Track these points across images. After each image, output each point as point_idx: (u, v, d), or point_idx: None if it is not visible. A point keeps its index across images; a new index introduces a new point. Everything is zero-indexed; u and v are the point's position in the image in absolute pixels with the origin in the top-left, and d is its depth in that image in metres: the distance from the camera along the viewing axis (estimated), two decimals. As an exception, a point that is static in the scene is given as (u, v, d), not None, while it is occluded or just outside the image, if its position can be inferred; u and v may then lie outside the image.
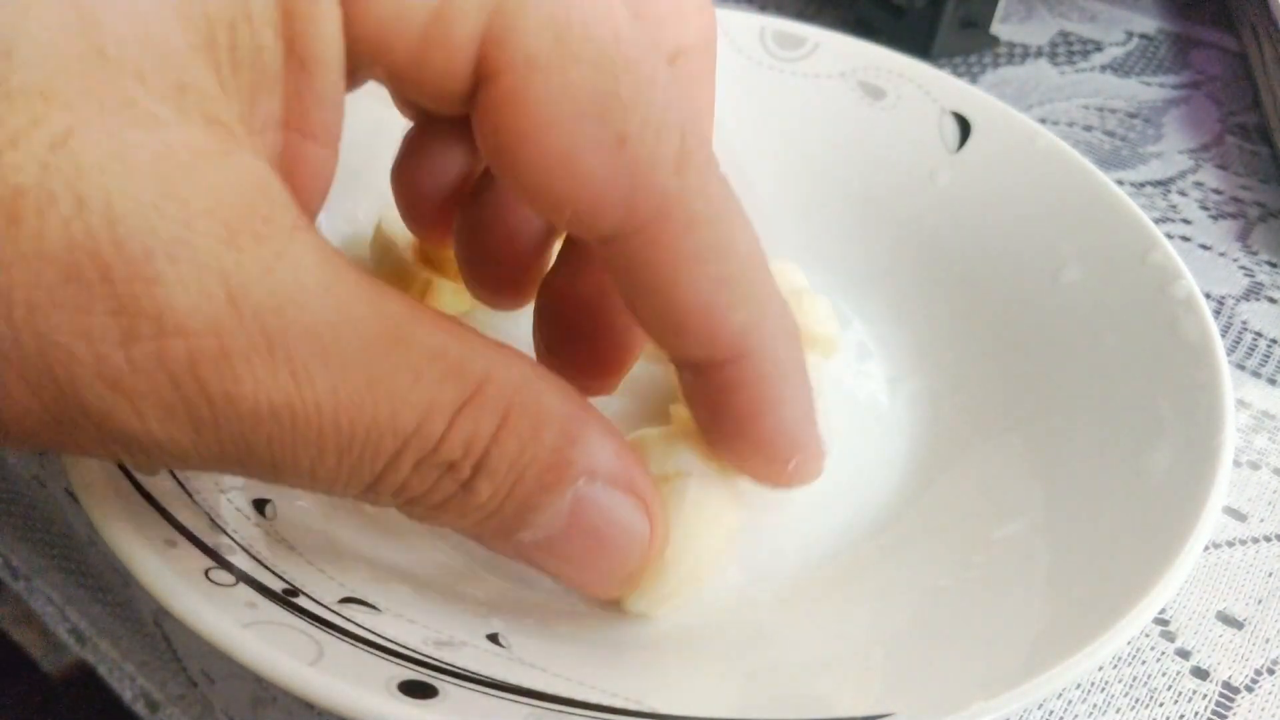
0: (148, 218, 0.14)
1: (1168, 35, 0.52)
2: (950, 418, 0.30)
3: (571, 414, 0.19)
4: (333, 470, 0.17)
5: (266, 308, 0.15)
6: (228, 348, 0.15)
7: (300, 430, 0.16)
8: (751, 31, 0.37)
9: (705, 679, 0.23)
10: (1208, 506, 0.23)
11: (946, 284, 0.33)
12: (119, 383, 0.15)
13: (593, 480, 0.19)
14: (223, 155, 0.15)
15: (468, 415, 0.17)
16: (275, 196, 0.16)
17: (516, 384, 0.18)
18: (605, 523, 0.19)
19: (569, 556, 0.20)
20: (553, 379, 0.19)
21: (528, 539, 0.19)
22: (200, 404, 0.15)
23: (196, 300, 0.15)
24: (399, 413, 0.16)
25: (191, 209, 0.15)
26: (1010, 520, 0.26)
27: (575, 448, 0.18)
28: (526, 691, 0.20)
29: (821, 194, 0.36)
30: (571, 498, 0.19)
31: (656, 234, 0.18)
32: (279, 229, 0.15)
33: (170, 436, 0.15)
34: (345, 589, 0.22)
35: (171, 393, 0.15)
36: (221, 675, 0.31)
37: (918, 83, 0.36)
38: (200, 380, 0.15)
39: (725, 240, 0.18)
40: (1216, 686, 0.26)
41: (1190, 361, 0.27)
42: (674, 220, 0.18)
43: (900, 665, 0.23)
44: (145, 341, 0.14)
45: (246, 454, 0.16)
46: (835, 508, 0.28)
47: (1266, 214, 0.41)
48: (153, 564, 0.19)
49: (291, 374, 0.15)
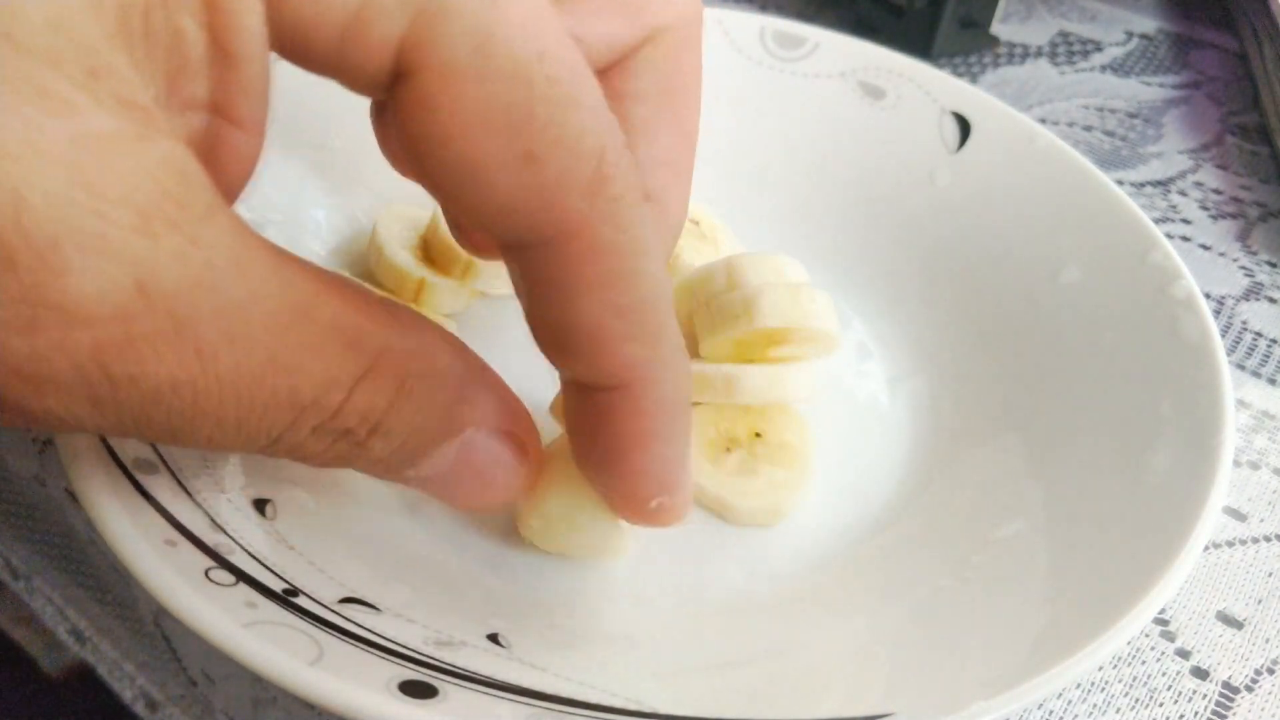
0: (58, 207, 0.14)
1: (1168, 35, 0.52)
2: (950, 418, 0.30)
3: (464, 373, 0.20)
4: (231, 437, 0.17)
5: (177, 293, 0.15)
6: (133, 334, 0.15)
7: (201, 405, 0.16)
8: (751, 31, 0.37)
9: (705, 679, 0.23)
10: (1208, 506, 0.23)
11: (946, 284, 0.33)
12: (20, 369, 0.15)
13: (479, 429, 0.20)
14: (137, 140, 0.15)
15: (365, 387, 0.18)
16: (192, 181, 0.16)
17: (413, 351, 0.18)
18: (486, 464, 0.21)
19: (452, 490, 0.21)
20: (448, 341, 0.20)
21: (415, 475, 0.20)
22: (102, 385, 0.15)
23: (104, 289, 0.15)
24: (298, 386, 0.17)
25: (104, 197, 0.15)
26: (1010, 520, 0.26)
27: (465, 405, 0.20)
28: (526, 691, 0.20)
29: (821, 194, 0.36)
30: (459, 444, 0.20)
31: (560, 252, 0.18)
32: (194, 214, 0.16)
33: (69, 412, 0.16)
34: (345, 589, 0.22)
35: (73, 376, 0.15)
36: (221, 675, 0.31)
37: (918, 83, 0.36)
38: (104, 366, 0.15)
39: (629, 271, 0.18)
40: (1216, 686, 0.26)
41: (1190, 361, 0.27)
42: (579, 242, 0.18)
43: (900, 665, 0.23)
44: (50, 331, 0.15)
45: (145, 425, 0.16)
46: (835, 508, 0.28)
47: (1266, 214, 0.41)
48: (153, 564, 0.19)
49: (196, 353, 0.16)
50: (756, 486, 0.28)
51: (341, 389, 0.17)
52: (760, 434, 0.28)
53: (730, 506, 0.27)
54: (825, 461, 0.29)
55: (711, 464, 0.28)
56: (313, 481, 0.26)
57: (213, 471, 0.23)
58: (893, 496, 0.29)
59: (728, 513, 0.27)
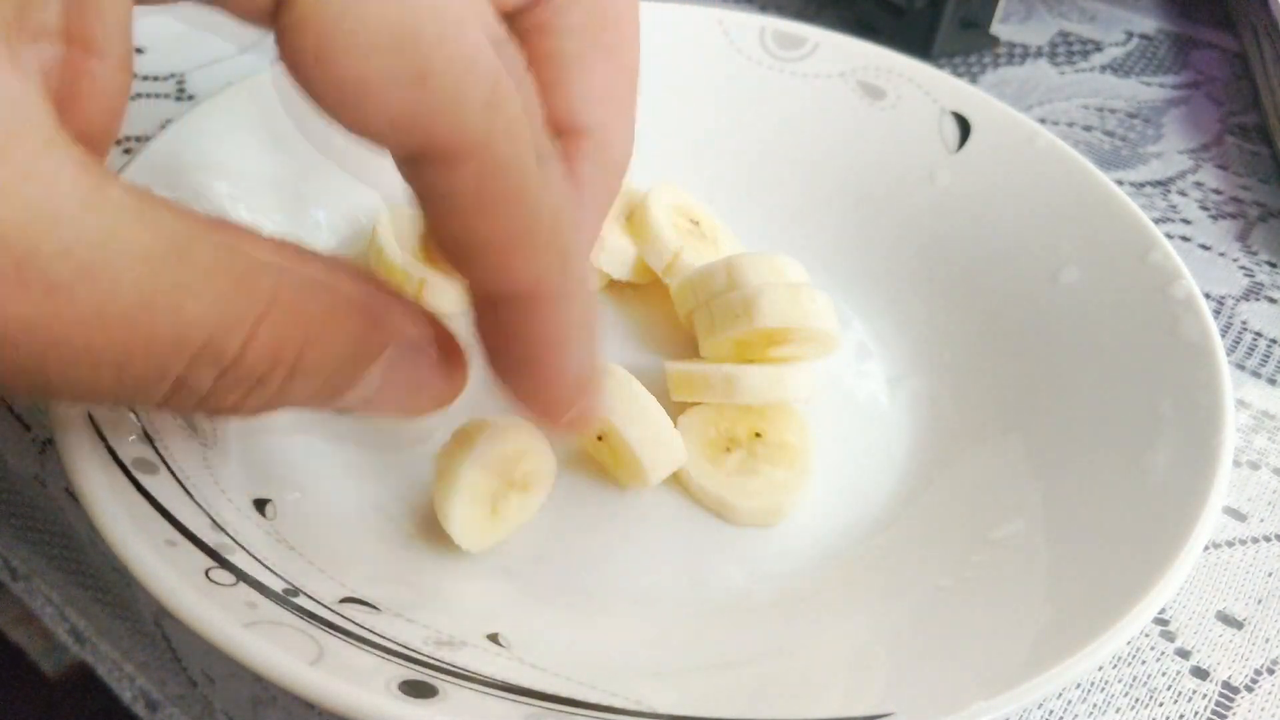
0: None
1: (1168, 35, 0.52)
2: (950, 418, 0.30)
3: (370, 296, 0.19)
4: (115, 384, 0.17)
5: (7, 226, 0.15)
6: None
7: (64, 348, 0.16)
8: (751, 32, 0.37)
9: (705, 679, 0.23)
10: (1207, 506, 0.23)
11: (946, 284, 0.33)
12: None
13: (399, 346, 0.20)
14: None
15: (267, 328, 0.17)
16: (26, 112, 0.15)
17: (313, 286, 0.18)
18: (413, 376, 0.21)
19: (384, 405, 0.21)
20: (347, 267, 0.19)
21: (343, 403, 0.20)
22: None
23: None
24: (182, 330, 0.16)
25: None
26: (1010, 520, 0.26)
27: (379, 326, 0.19)
28: (526, 691, 0.20)
29: (822, 194, 0.36)
30: (382, 364, 0.20)
31: (458, 170, 0.18)
32: (27, 146, 0.15)
33: None
34: (345, 589, 0.22)
35: None
36: (221, 675, 0.31)
37: (917, 83, 0.36)
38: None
39: (530, 189, 0.18)
40: (1216, 686, 0.26)
41: (1190, 361, 0.27)
42: (477, 160, 0.18)
43: (900, 665, 0.23)
44: None
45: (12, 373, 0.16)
46: (835, 508, 0.28)
47: (1266, 214, 0.41)
48: (153, 564, 0.19)
49: (46, 292, 0.15)
50: (757, 486, 0.28)
51: (238, 332, 0.17)
52: (760, 434, 0.28)
53: (730, 506, 0.27)
54: (825, 461, 0.29)
55: (711, 464, 0.28)
56: (313, 482, 0.26)
57: (213, 472, 0.23)
58: (893, 496, 0.29)
59: (728, 512, 0.28)
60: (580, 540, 0.27)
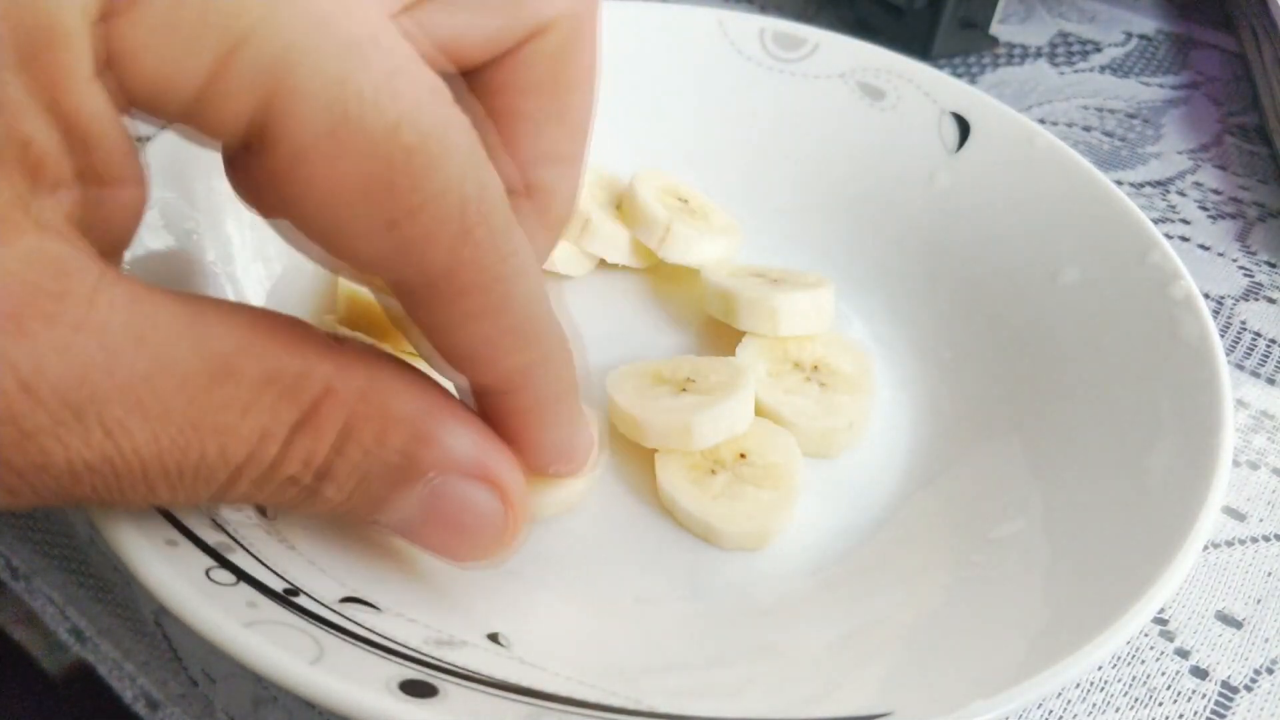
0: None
1: (1167, 36, 0.52)
2: (950, 418, 0.30)
3: (423, 411, 0.19)
4: (168, 497, 0.17)
5: (67, 383, 0.15)
6: (27, 429, 0.15)
7: (124, 477, 0.16)
8: (751, 32, 0.37)
9: (704, 678, 0.23)
10: (1207, 506, 0.23)
11: (946, 284, 0.33)
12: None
13: (446, 474, 0.20)
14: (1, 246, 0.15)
15: (304, 434, 0.18)
16: (69, 266, 0.16)
17: (360, 391, 0.18)
18: (459, 511, 0.20)
19: (428, 539, 0.21)
20: (406, 376, 0.19)
21: (385, 522, 0.20)
22: (8, 478, 0.16)
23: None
24: (228, 447, 0.17)
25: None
26: (1010, 520, 0.26)
27: (426, 447, 0.19)
28: (526, 691, 0.20)
29: (822, 194, 0.36)
30: (425, 491, 0.19)
31: (433, 293, 0.18)
32: (76, 300, 0.16)
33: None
34: (345, 588, 0.22)
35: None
36: (222, 675, 0.31)
37: (917, 83, 0.36)
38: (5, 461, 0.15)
39: (503, 299, 0.19)
40: (1215, 686, 0.26)
41: (1190, 361, 0.27)
42: (450, 286, 0.18)
43: (900, 664, 0.23)
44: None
45: (71, 500, 0.17)
46: (835, 508, 0.28)
47: (1266, 214, 0.41)
48: (153, 564, 0.19)
49: (106, 433, 0.16)
50: (743, 510, 0.27)
51: (276, 440, 0.17)
52: (744, 455, 0.28)
53: (716, 531, 0.27)
54: (823, 461, 0.29)
55: (696, 487, 0.27)
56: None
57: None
58: (893, 496, 0.29)
59: (714, 537, 0.27)
60: (580, 541, 0.27)
